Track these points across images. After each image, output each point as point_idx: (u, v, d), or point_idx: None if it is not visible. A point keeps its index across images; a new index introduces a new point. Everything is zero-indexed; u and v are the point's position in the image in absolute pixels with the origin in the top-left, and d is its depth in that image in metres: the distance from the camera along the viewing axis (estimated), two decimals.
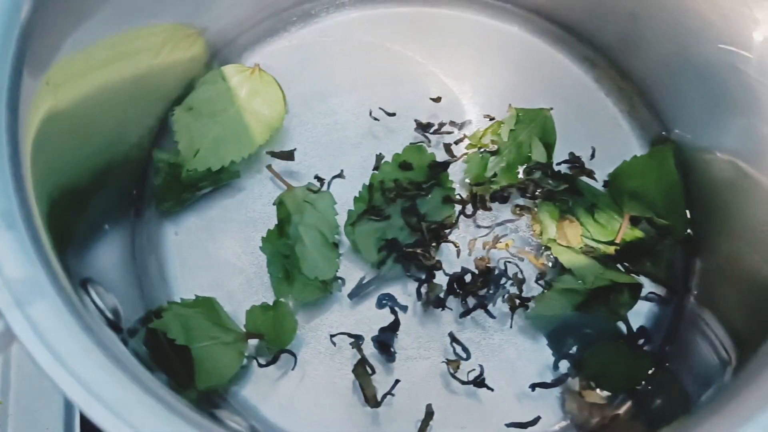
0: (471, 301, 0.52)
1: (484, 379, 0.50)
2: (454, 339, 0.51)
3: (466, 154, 0.55)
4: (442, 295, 0.52)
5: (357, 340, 0.51)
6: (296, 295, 0.51)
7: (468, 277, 0.52)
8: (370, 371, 0.50)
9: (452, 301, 0.52)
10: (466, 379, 0.50)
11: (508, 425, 0.50)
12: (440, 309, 0.52)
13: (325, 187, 0.55)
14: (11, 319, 0.30)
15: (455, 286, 0.52)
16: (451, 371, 0.50)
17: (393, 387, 0.50)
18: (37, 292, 0.31)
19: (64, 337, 0.31)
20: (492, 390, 0.50)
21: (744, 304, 0.46)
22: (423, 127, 0.56)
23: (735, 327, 0.45)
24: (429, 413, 0.50)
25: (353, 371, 0.50)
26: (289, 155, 0.55)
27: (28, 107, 0.37)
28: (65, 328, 0.31)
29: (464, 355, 0.51)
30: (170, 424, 0.30)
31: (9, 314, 0.30)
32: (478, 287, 0.52)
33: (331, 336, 0.52)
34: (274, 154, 0.55)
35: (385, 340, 0.51)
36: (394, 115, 0.57)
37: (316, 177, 0.55)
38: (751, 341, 0.41)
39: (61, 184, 0.42)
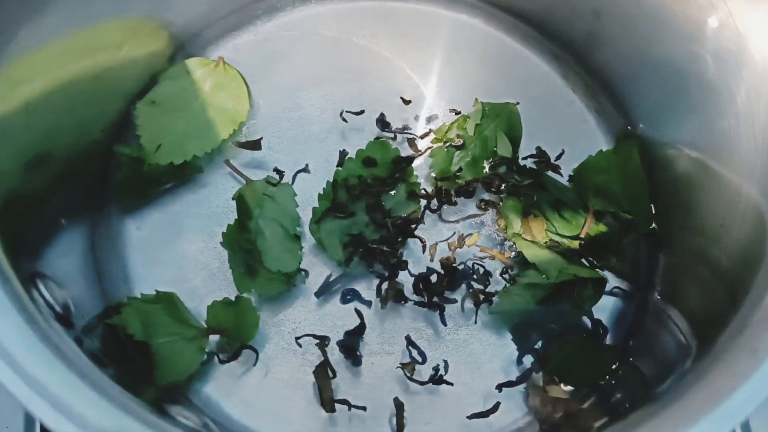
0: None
1: (442, 375, 0.50)
2: (410, 342, 0.51)
3: (430, 148, 0.55)
4: (405, 292, 0.51)
5: (323, 341, 0.51)
6: (259, 289, 0.51)
7: (434, 278, 0.52)
8: (331, 374, 0.50)
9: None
10: (426, 378, 0.50)
11: (470, 417, 0.49)
12: (401, 303, 0.51)
13: (289, 182, 0.54)
14: None
15: (420, 286, 0.51)
16: (407, 374, 0.50)
17: (357, 407, 0.49)
18: None
19: (8, 330, 0.30)
20: (451, 385, 0.50)
21: (704, 297, 0.46)
22: (383, 125, 0.56)
23: (696, 319, 0.46)
24: (399, 405, 0.50)
25: (314, 373, 0.50)
26: (255, 145, 0.54)
27: None
28: (9, 321, 0.31)
29: (420, 359, 0.51)
30: (114, 418, 0.30)
31: None
32: (444, 287, 0.52)
33: (297, 338, 0.51)
34: (240, 145, 0.54)
35: (350, 344, 0.51)
36: (362, 113, 0.56)
37: (275, 169, 0.54)
38: (710, 332, 0.41)
39: (18, 180, 0.42)
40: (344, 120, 0.56)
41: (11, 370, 0.29)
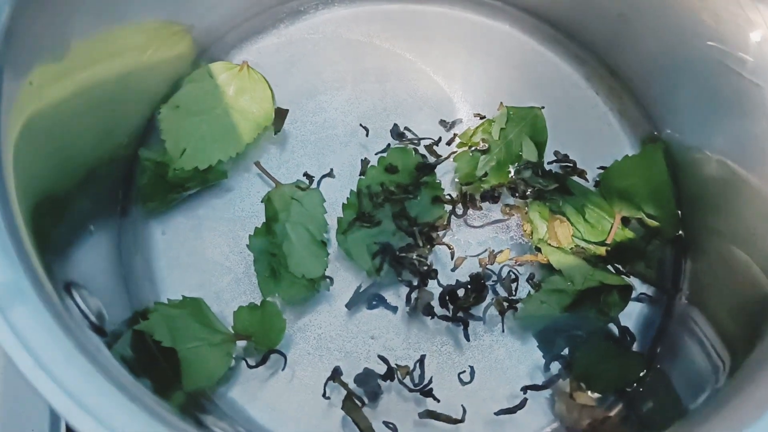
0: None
1: (431, 389, 0.50)
2: (421, 362, 0.50)
3: (454, 152, 0.55)
4: (432, 302, 0.51)
5: (335, 375, 0.50)
6: (283, 293, 0.51)
7: (461, 292, 0.51)
8: (359, 404, 0.49)
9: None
10: (412, 386, 0.50)
11: (497, 413, 0.49)
12: (430, 318, 0.51)
13: (314, 186, 0.54)
14: None
15: (447, 299, 0.51)
16: (399, 377, 0.49)
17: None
18: (19, 297, 0.31)
19: (47, 342, 0.30)
20: (438, 401, 0.50)
21: (734, 306, 0.46)
22: (398, 136, 0.55)
23: (726, 330, 0.45)
24: (429, 412, 0.49)
25: (342, 408, 0.49)
26: (282, 114, 0.55)
27: (10, 109, 0.36)
28: (47, 333, 0.31)
29: (416, 380, 0.50)
30: (154, 431, 0.30)
31: None
32: (471, 303, 0.51)
33: (324, 395, 0.50)
34: (274, 123, 0.54)
35: (371, 389, 0.50)
36: (388, 147, 0.55)
37: (305, 174, 0.54)
38: (743, 345, 0.41)
39: (45, 184, 0.42)
40: (364, 128, 0.56)
41: (53, 384, 0.29)
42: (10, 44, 0.36)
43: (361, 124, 0.56)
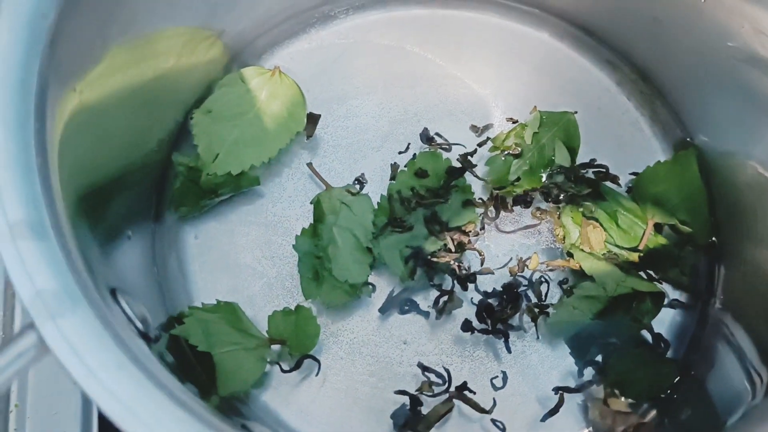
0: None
1: (465, 382, 0.50)
2: (424, 368, 0.50)
3: (485, 157, 0.55)
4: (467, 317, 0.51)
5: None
6: (324, 296, 0.51)
7: (494, 301, 0.51)
8: (419, 412, 0.49)
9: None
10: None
11: (543, 419, 0.49)
12: (469, 333, 0.51)
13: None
14: (46, 332, 0.29)
15: (484, 314, 0.51)
16: (428, 395, 0.49)
17: None
18: (70, 304, 0.31)
19: (97, 349, 0.30)
20: (474, 393, 0.50)
21: None
22: (427, 140, 0.55)
23: (763, 342, 0.45)
24: (459, 393, 0.49)
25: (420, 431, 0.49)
26: (315, 119, 0.55)
27: (54, 114, 0.36)
28: (98, 340, 0.31)
29: (440, 381, 0.50)
30: None
31: (43, 327, 0.29)
32: (509, 315, 0.51)
33: None
34: (306, 128, 0.55)
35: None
36: (407, 148, 0.56)
37: (356, 180, 0.55)
38: None
39: (83, 188, 0.42)
40: (407, 145, 0.56)
41: (106, 392, 0.29)
42: (54, 51, 0.36)
43: (421, 138, 0.56)
